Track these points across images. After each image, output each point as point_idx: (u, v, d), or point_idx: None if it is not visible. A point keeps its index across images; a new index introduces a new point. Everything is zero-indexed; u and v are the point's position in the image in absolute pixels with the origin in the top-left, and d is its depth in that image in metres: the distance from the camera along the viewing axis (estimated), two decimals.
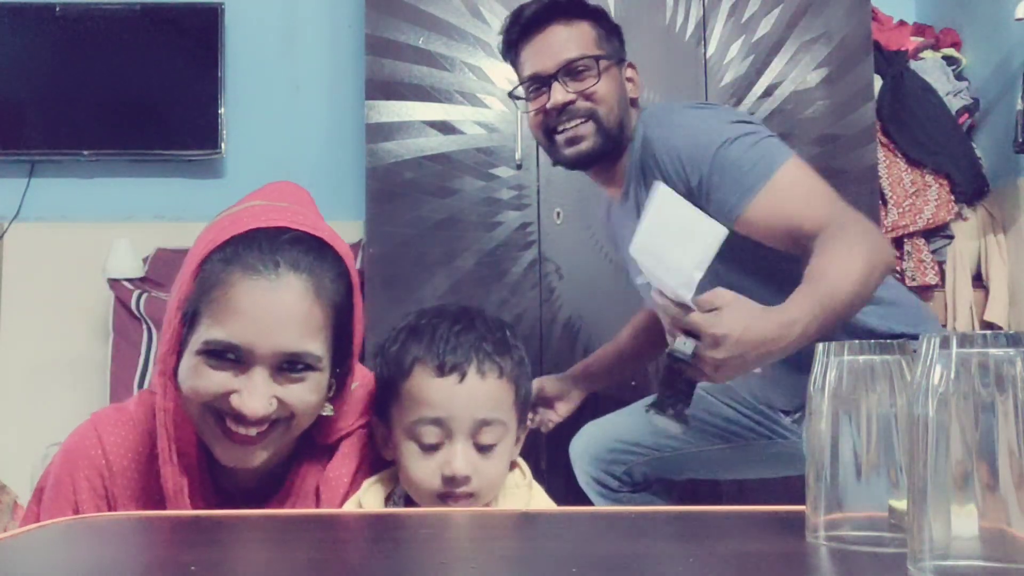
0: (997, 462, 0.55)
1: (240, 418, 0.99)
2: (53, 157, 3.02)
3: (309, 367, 1.00)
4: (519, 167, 2.52)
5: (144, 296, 2.75)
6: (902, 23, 3.02)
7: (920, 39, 2.97)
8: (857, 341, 0.70)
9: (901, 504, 0.65)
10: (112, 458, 1.08)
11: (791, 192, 1.43)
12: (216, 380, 0.98)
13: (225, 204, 1.21)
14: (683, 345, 1.22)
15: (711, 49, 2.59)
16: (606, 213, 1.87)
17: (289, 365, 0.99)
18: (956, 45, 2.99)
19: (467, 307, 1.15)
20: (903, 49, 2.92)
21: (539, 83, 1.65)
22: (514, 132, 2.52)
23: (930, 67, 2.90)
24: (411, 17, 2.55)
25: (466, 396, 1.04)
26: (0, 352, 2.98)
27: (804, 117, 2.60)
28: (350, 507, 1.08)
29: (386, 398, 1.09)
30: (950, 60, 2.95)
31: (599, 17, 1.67)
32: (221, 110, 2.99)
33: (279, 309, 0.98)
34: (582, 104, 1.61)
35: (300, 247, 1.01)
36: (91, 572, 0.69)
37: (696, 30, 2.59)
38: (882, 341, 0.71)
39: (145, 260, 2.89)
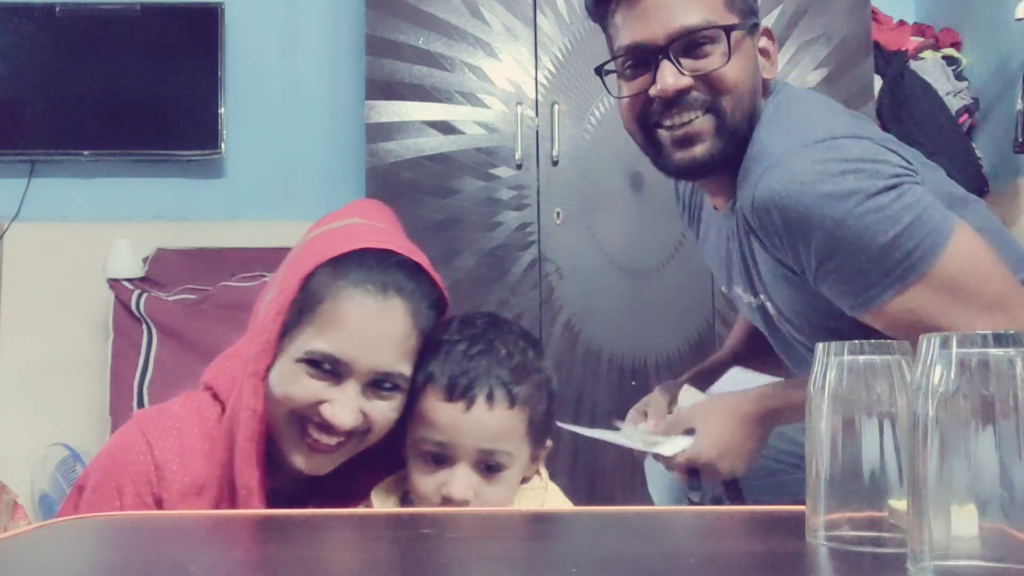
0: (997, 462, 0.55)
1: (326, 427, 1.02)
2: (53, 157, 3.02)
3: (397, 387, 1.05)
4: (519, 167, 2.52)
5: (144, 296, 2.75)
6: (902, 23, 3.02)
7: (920, 39, 2.97)
8: (857, 341, 0.70)
9: (901, 504, 0.65)
10: (161, 462, 1.07)
11: (948, 291, 1.09)
12: (311, 388, 1.02)
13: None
14: (665, 448, 1.29)
15: None
16: (695, 193, 1.51)
17: (378, 383, 1.03)
18: (956, 45, 2.99)
19: (495, 320, 1.14)
20: (903, 49, 2.92)
21: (641, 58, 1.21)
22: (514, 132, 2.52)
23: (930, 67, 2.90)
24: (411, 17, 2.55)
25: (471, 425, 1.03)
26: (0, 352, 2.98)
27: None
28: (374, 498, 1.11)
29: (409, 406, 1.09)
30: (950, 60, 2.95)
31: None
32: (221, 110, 2.99)
33: (384, 329, 1.03)
34: (700, 92, 1.20)
35: (404, 272, 1.06)
36: (91, 572, 0.69)
37: None
38: (882, 341, 0.71)
39: (145, 260, 2.88)
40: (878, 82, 2.79)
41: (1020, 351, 0.55)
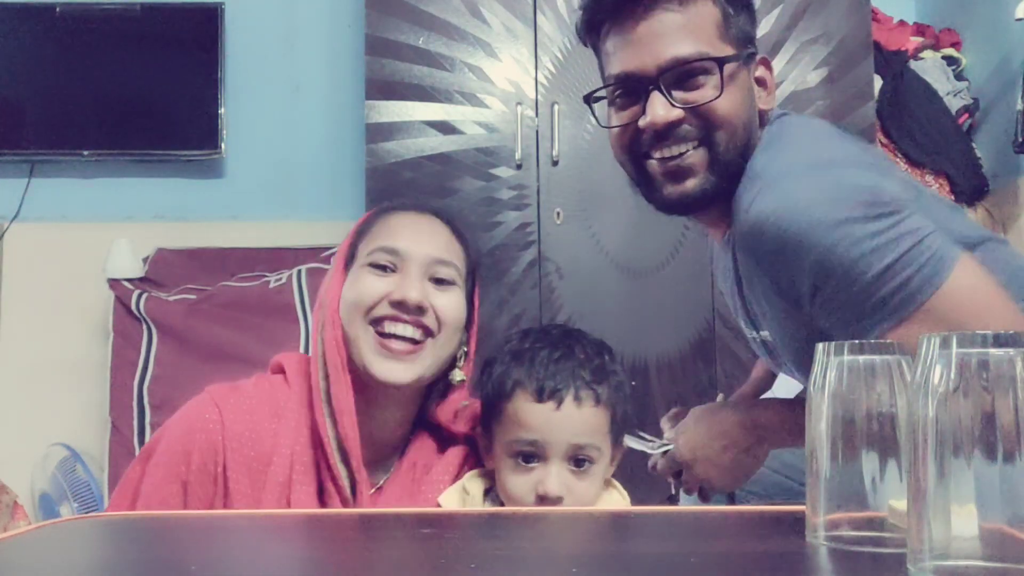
0: (997, 462, 0.55)
1: (399, 312, 1.13)
2: (53, 157, 3.02)
3: (452, 281, 1.17)
4: (519, 167, 2.52)
5: (144, 296, 2.75)
6: (902, 23, 3.02)
7: (920, 39, 2.97)
8: (857, 341, 0.70)
9: (901, 504, 0.65)
10: (231, 434, 1.13)
11: (952, 317, 1.02)
12: (378, 285, 1.14)
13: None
14: (653, 448, 1.33)
15: None
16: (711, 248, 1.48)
17: (436, 279, 1.16)
18: (956, 45, 2.99)
19: (569, 330, 1.19)
20: (903, 49, 2.92)
21: (631, 88, 1.17)
22: (514, 132, 2.52)
23: (930, 67, 2.90)
24: (411, 17, 2.55)
25: (562, 422, 1.09)
26: (0, 352, 2.98)
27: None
28: (455, 493, 1.15)
29: (489, 414, 1.15)
30: (950, 60, 2.95)
31: None
32: (221, 110, 2.99)
33: (428, 228, 1.19)
34: (692, 124, 1.15)
35: (438, 209, 1.24)
36: (91, 572, 0.69)
37: None
38: (882, 341, 0.71)
39: (145, 260, 2.88)
40: (878, 82, 2.79)
41: (1020, 351, 0.55)
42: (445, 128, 2.54)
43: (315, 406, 1.14)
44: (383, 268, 1.16)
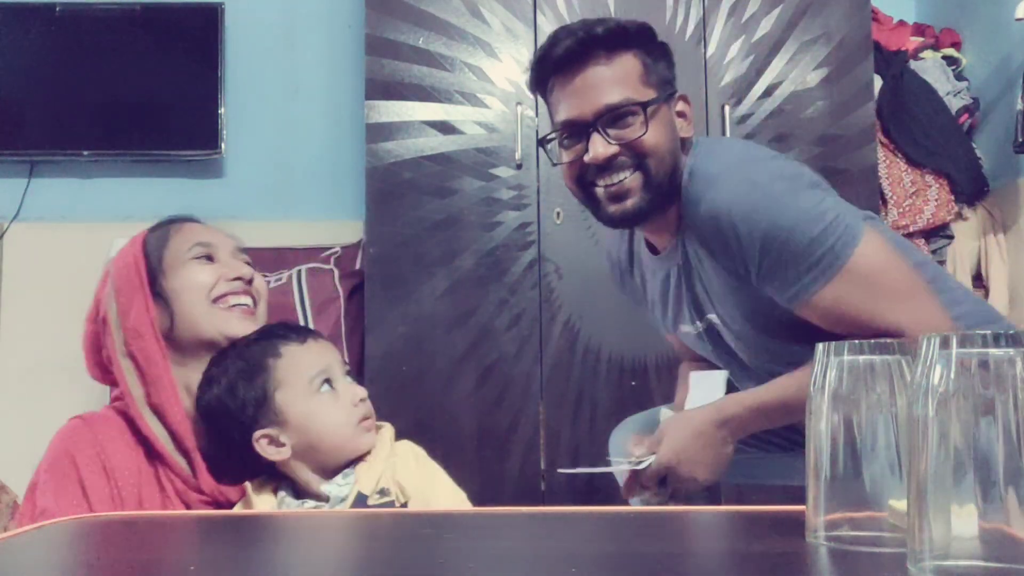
0: (997, 462, 0.55)
1: (241, 287, 1.36)
2: (53, 157, 3.02)
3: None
4: (519, 167, 2.52)
5: None
6: (902, 23, 3.02)
7: (920, 39, 2.97)
8: (857, 341, 0.70)
9: (901, 504, 0.65)
10: (102, 436, 1.22)
11: (864, 280, 1.30)
12: (207, 271, 1.34)
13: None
14: (637, 463, 1.46)
15: (711, 49, 2.59)
16: (627, 254, 1.70)
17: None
18: (956, 45, 2.99)
19: (243, 337, 1.32)
20: (903, 49, 2.92)
21: (575, 130, 1.42)
22: (514, 132, 2.52)
23: (930, 67, 2.90)
24: (411, 17, 2.55)
25: (323, 348, 1.29)
26: (0, 352, 2.98)
27: (804, 117, 2.60)
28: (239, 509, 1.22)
29: (264, 401, 1.24)
30: (950, 60, 2.95)
31: (645, 42, 1.43)
32: (221, 110, 2.99)
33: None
34: (627, 156, 1.39)
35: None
36: (91, 572, 0.69)
37: (696, 30, 2.59)
38: (882, 341, 0.71)
39: None
40: (878, 82, 2.79)
41: (1020, 351, 0.55)
42: (445, 128, 2.54)
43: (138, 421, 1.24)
44: (208, 257, 1.32)
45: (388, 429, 1.31)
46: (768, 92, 2.59)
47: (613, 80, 1.38)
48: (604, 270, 2.59)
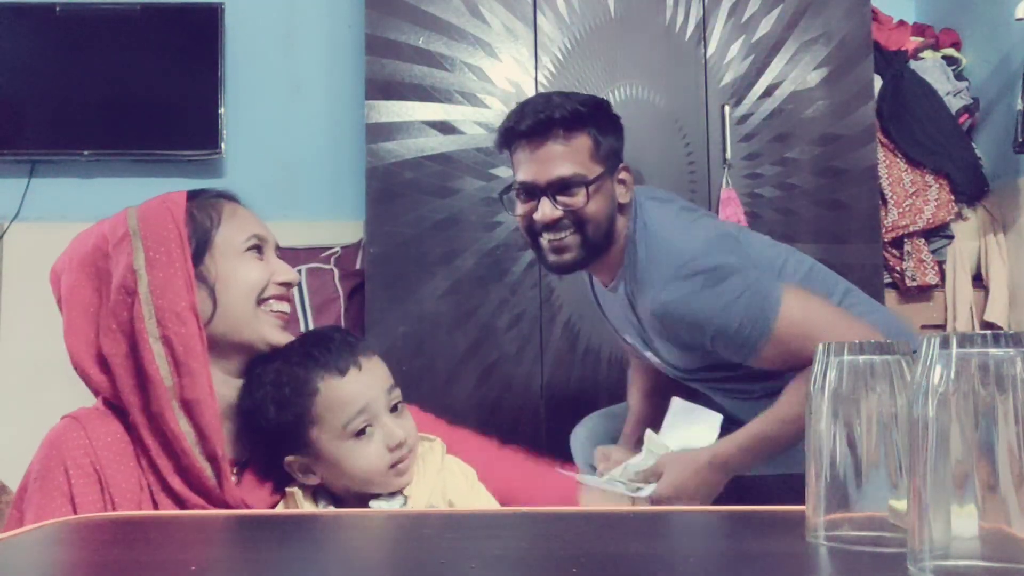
0: (997, 462, 0.55)
1: (283, 292, 1.23)
2: (53, 157, 3.02)
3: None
4: None
5: None
6: (902, 23, 3.02)
7: (920, 39, 2.97)
8: (857, 341, 0.70)
9: (901, 504, 0.65)
10: (96, 439, 1.12)
11: (794, 334, 1.54)
12: (261, 267, 1.22)
13: None
14: (643, 492, 1.61)
15: (711, 49, 2.59)
16: (590, 283, 1.92)
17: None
18: (956, 45, 2.99)
19: (299, 337, 1.24)
20: (903, 49, 2.92)
21: (530, 191, 1.66)
22: None
23: (930, 67, 2.90)
24: (411, 17, 2.55)
25: (370, 379, 1.18)
26: (0, 352, 2.98)
27: (804, 117, 2.60)
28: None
29: (298, 431, 1.16)
30: (950, 60, 2.95)
31: (599, 122, 1.65)
32: (221, 110, 2.99)
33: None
34: (569, 219, 1.63)
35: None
36: (91, 572, 0.69)
37: (696, 30, 2.59)
38: (882, 341, 0.71)
39: None
40: (878, 82, 2.79)
41: (1020, 351, 0.55)
42: (445, 128, 2.54)
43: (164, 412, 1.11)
44: (258, 250, 1.21)
45: (439, 445, 1.25)
46: (768, 92, 2.59)
47: (566, 156, 1.62)
48: None
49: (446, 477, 1.21)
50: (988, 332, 0.56)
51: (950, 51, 2.97)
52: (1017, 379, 0.54)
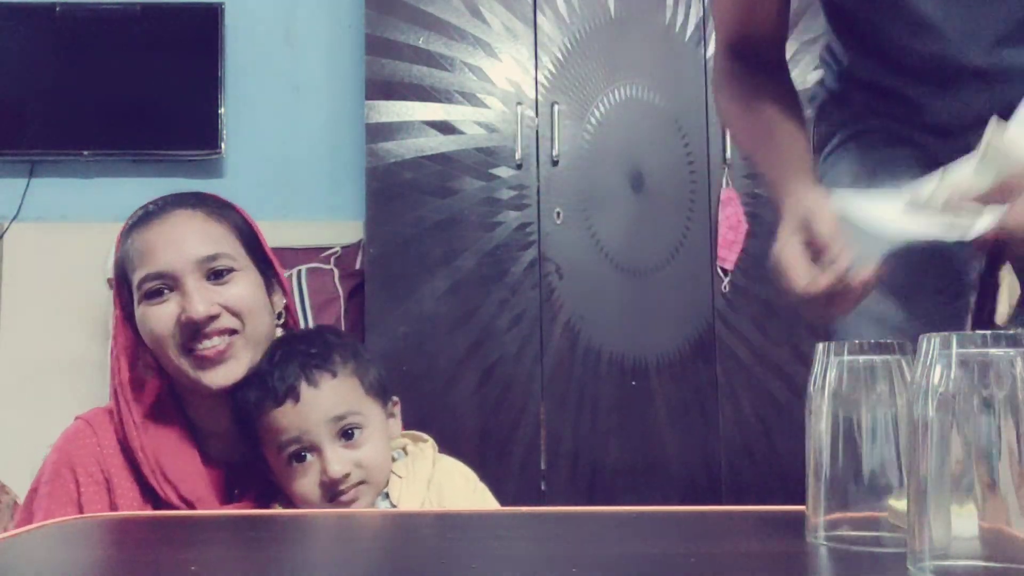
0: (997, 462, 0.55)
1: (196, 330, 1.09)
2: (53, 157, 3.02)
3: (230, 268, 1.13)
4: (519, 167, 2.52)
5: None
6: None
7: None
8: (857, 341, 0.70)
9: (901, 504, 0.65)
10: (105, 443, 1.14)
11: None
12: (163, 313, 1.10)
13: None
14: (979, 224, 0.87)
15: (711, 49, 2.59)
16: None
17: (213, 272, 1.12)
18: None
19: (281, 337, 1.20)
20: None
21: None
22: (514, 132, 2.52)
23: None
24: (411, 17, 2.55)
25: (309, 409, 1.10)
26: (0, 352, 2.98)
27: (804, 117, 2.60)
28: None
29: (253, 444, 1.15)
30: None
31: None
32: (221, 110, 2.99)
33: (176, 229, 1.13)
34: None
35: (183, 196, 1.19)
36: (91, 572, 0.69)
37: (696, 30, 2.59)
38: (882, 341, 0.71)
39: None
40: None
41: (1020, 351, 0.55)
42: (445, 128, 2.54)
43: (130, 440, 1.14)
44: (159, 294, 1.11)
45: (428, 446, 1.21)
46: None
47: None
48: (604, 270, 2.59)
49: (441, 480, 1.18)
50: (988, 332, 0.56)
51: None
52: (1017, 379, 0.54)
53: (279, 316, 1.20)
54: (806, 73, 2.61)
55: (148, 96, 3.01)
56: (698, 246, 2.53)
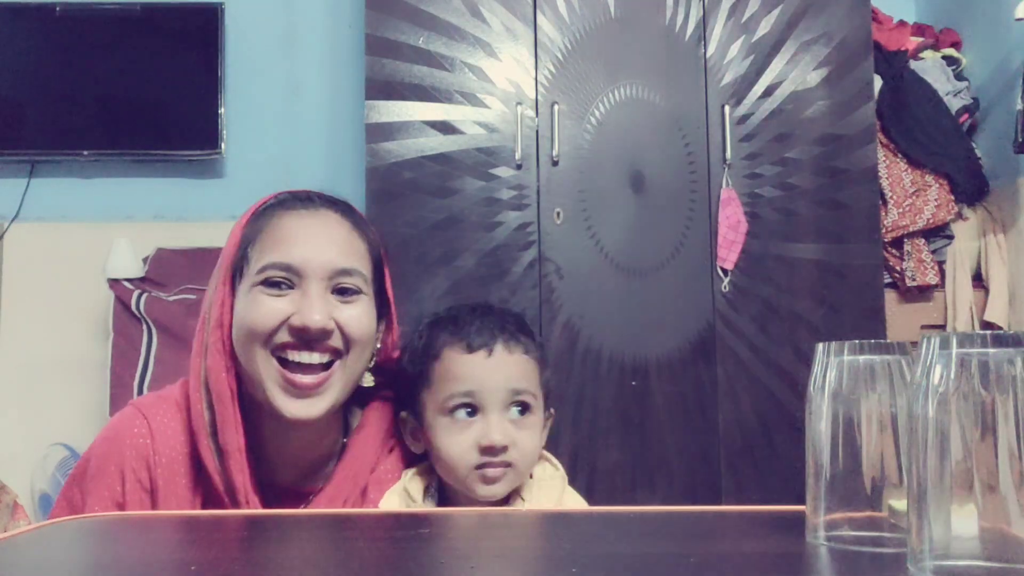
0: (997, 462, 0.55)
1: (302, 342, 1.02)
2: (53, 157, 3.02)
3: (358, 290, 1.06)
4: (519, 167, 2.52)
5: (144, 296, 2.75)
6: (902, 23, 3.02)
7: (920, 39, 2.97)
8: (857, 341, 0.70)
9: (901, 504, 0.65)
10: (160, 445, 1.06)
11: None
12: (276, 306, 1.02)
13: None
14: None
15: (711, 49, 2.59)
16: None
17: (340, 290, 1.05)
18: (956, 45, 2.99)
19: (482, 302, 1.21)
20: (903, 49, 2.92)
21: None
22: (514, 132, 2.52)
23: (930, 67, 2.90)
24: (411, 17, 2.55)
25: (497, 368, 1.08)
26: (0, 352, 2.98)
27: (804, 117, 2.60)
28: (393, 496, 1.11)
29: (416, 389, 1.12)
30: (950, 60, 2.95)
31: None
32: (221, 110, 2.99)
33: (323, 231, 1.06)
34: None
35: (331, 198, 1.12)
36: (91, 572, 0.69)
37: (696, 30, 2.59)
38: (882, 341, 0.71)
39: (145, 260, 2.88)
40: (878, 82, 2.79)
41: (1020, 351, 0.55)
42: (445, 128, 2.54)
43: (199, 438, 1.05)
44: (278, 286, 1.03)
45: (561, 476, 1.16)
46: (768, 92, 2.59)
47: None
48: (604, 270, 2.59)
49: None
50: (988, 332, 0.56)
51: (950, 51, 2.97)
52: (1017, 379, 0.54)
53: (371, 358, 1.12)
54: (806, 73, 2.62)
55: (148, 96, 3.01)
56: (698, 246, 2.53)
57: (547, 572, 0.65)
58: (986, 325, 2.73)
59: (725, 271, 2.52)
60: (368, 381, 1.13)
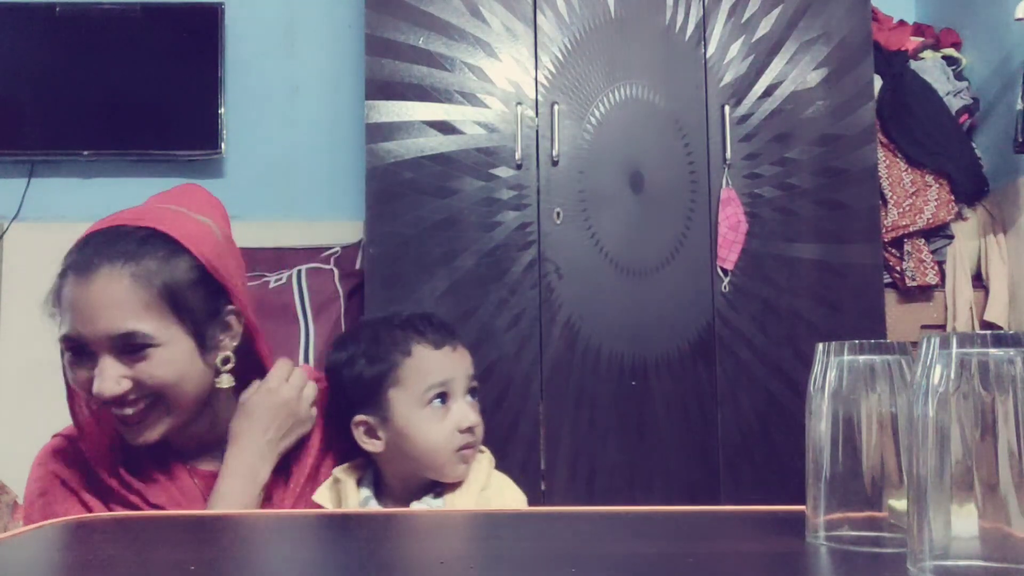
0: (997, 462, 0.55)
1: (106, 402, 1.09)
2: (53, 157, 3.02)
3: (147, 345, 1.08)
4: (519, 167, 2.52)
5: None
6: (902, 23, 3.02)
7: (920, 39, 2.97)
8: (857, 341, 0.70)
9: (901, 504, 0.65)
10: (88, 454, 1.17)
11: None
12: (81, 376, 1.10)
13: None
14: None
15: (711, 49, 2.59)
16: None
17: (129, 347, 1.08)
18: (956, 45, 2.99)
19: (401, 310, 1.29)
20: (903, 49, 2.92)
21: None
22: (514, 132, 2.52)
23: (930, 67, 2.90)
24: (411, 17, 2.55)
25: (459, 360, 1.23)
26: (0, 352, 2.98)
27: (804, 117, 2.60)
28: (325, 491, 1.19)
29: (378, 390, 1.19)
30: (950, 60, 2.95)
31: None
32: (221, 110, 2.99)
33: (99, 297, 1.07)
34: None
35: (124, 241, 1.12)
36: (91, 572, 0.69)
37: (696, 30, 2.59)
38: (882, 341, 0.71)
39: None
40: (878, 82, 2.79)
41: (1020, 351, 0.55)
42: (445, 128, 2.54)
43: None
44: (79, 355, 1.10)
45: (487, 458, 1.25)
46: (768, 92, 2.59)
47: None
48: (604, 270, 2.59)
49: (491, 495, 1.20)
50: (988, 332, 0.56)
51: (950, 51, 2.97)
52: (1017, 379, 0.54)
53: (225, 361, 1.16)
54: (806, 73, 2.62)
55: (148, 96, 3.01)
56: (698, 246, 2.53)
57: (547, 572, 0.65)
58: (986, 325, 2.73)
59: (725, 271, 2.52)
60: (225, 383, 1.17)
